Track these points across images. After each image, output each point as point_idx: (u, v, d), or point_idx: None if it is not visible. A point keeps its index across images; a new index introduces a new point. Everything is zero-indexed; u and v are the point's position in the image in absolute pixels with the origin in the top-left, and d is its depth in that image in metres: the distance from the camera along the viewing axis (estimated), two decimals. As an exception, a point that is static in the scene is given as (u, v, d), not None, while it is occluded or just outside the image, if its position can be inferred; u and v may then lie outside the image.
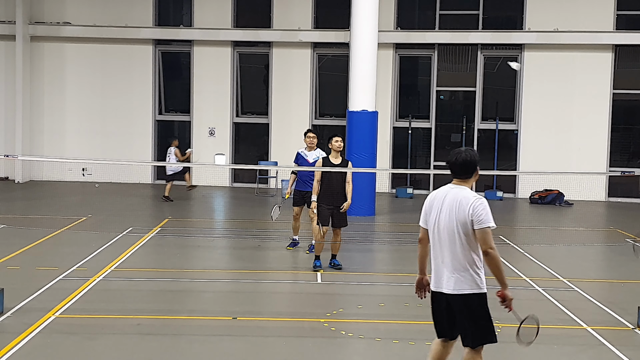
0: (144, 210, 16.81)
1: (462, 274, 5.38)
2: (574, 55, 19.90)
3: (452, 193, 5.47)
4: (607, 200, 20.01)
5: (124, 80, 21.16)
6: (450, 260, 5.41)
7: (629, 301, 9.07)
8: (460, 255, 5.39)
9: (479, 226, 5.31)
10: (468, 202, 5.34)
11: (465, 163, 5.48)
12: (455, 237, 5.38)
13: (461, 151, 5.54)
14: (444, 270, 5.44)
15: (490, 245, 5.32)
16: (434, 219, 5.51)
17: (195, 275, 10.39)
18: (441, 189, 5.60)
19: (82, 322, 8.04)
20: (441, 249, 5.47)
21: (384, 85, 19.90)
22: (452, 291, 5.40)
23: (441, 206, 5.48)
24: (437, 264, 5.51)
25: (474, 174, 5.54)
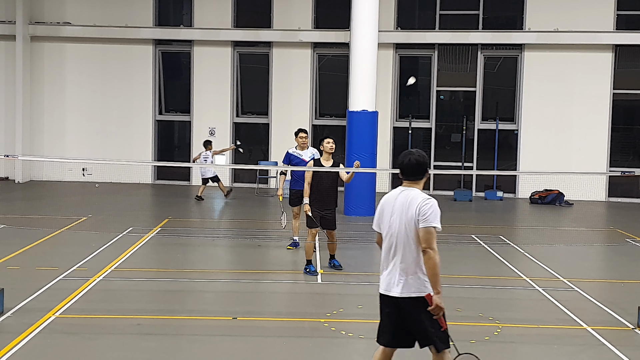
0: (144, 210, 16.82)
1: (411, 277, 5.36)
2: (574, 55, 19.90)
3: (403, 195, 5.44)
4: (607, 200, 20.01)
5: (124, 80, 21.16)
6: (400, 262, 5.39)
7: (629, 301, 9.07)
8: (410, 258, 5.37)
9: (423, 225, 5.29)
10: (417, 202, 5.33)
11: (417, 164, 5.46)
12: (406, 240, 5.37)
13: (412, 152, 5.53)
14: (394, 273, 5.41)
15: (430, 245, 5.29)
16: (386, 222, 5.49)
17: (195, 275, 10.39)
18: (392, 191, 5.57)
19: (82, 322, 8.04)
20: (393, 252, 5.45)
21: (384, 85, 19.91)
22: (401, 294, 5.35)
23: (392, 209, 5.45)
24: (388, 267, 5.48)
25: (424, 175, 5.52)
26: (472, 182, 20.40)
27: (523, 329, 8.11)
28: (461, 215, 17.05)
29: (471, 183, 20.42)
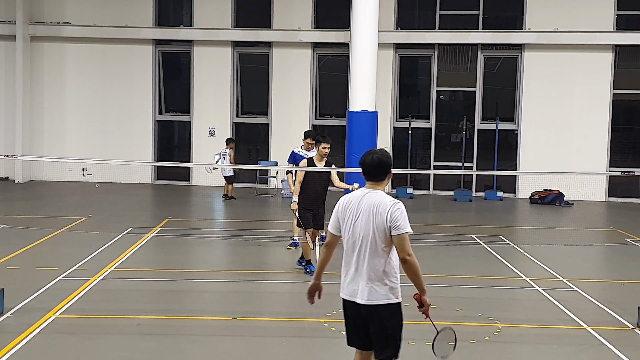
0: (144, 210, 16.82)
1: (377, 284, 5.14)
2: (574, 55, 19.90)
3: (368, 197, 5.16)
4: (607, 200, 20.01)
5: (124, 80, 21.16)
6: (366, 268, 5.14)
7: (629, 301, 9.08)
8: (377, 264, 5.13)
9: (397, 232, 5.07)
10: (386, 208, 5.07)
11: (380, 164, 5.19)
12: (373, 245, 5.12)
13: (375, 151, 5.27)
14: (359, 280, 5.16)
15: (408, 252, 5.09)
16: (349, 226, 5.20)
17: (195, 275, 10.39)
18: (354, 193, 5.30)
19: (82, 322, 8.04)
20: (357, 256, 5.18)
21: (384, 85, 19.90)
22: (367, 301, 5.14)
23: (356, 212, 5.17)
24: (351, 273, 5.22)
25: (387, 176, 5.25)
26: (472, 182, 20.39)
27: (523, 329, 8.11)
28: (461, 215, 17.05)
29: (471, 183, 20.42)
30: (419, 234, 14.04)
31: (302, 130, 20.40)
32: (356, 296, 5.19)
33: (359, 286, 5.16)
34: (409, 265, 5.09)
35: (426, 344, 7.47)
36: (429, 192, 20.67)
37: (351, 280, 5.22)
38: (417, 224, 15.51)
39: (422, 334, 7.87)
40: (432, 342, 5.32)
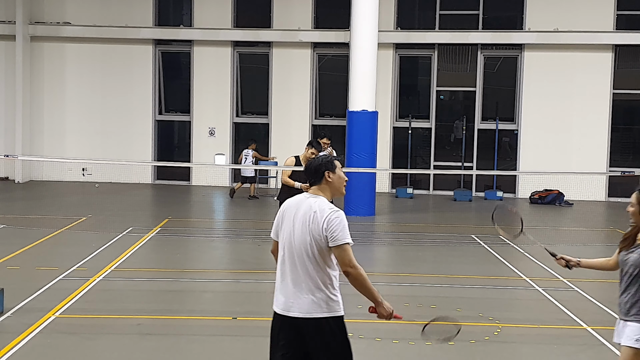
0: (144, 210, 16.82)
1: (316, 296, 4.68)
2: (574, 55, 19.90)
3: (307, 204, 4.79)
4: (607, 200, 20.01)
5: (124, 80, 21.16)
6: (303, 279, 4.70)
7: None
8: (314, 274, 4.69)
9: (335, 243, 4.64)
10: (323, 215, 4.67)
11: (314, 168, 4.91)
12: (310, 254, 4.69)
13: (318, 157, 5.04)
14: (295, 291, 4.72)
15: (350, 264, 4.65)
16: (287, 231, 4.80)
17: (195, 275, 10.39)
18: (295, 197, 4.96)
19: (82, 322, 8.04)
20: (292, 266, 4.75)
21: (384, 85, 19.90)
22: (305, 314, 4.67)
23: (294, 217, 4.79)
24: (286, 284, 4.77)
25: (322, 181, 4.86)
26: (472, 182, 20.39)
27: (523, 329, 8.11)
28: (461, 215, 17.05)
29: (471, 183, 20.41)
30: (419, 233, 14.04)
31: (301, 130, 20.64)
32: (291, 310, 4.71)
33: (294, 298, 4.71)
34: (353, 278, 4.69)
35: (426, 343, 7.48)
36: (429, 192, 20.67)
37: (287, 291, 4.76)
38: (417, 224, 15.55)
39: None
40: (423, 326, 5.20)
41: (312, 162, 4.99)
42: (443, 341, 5.19)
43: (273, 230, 4.99)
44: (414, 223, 15.24)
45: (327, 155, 5.18)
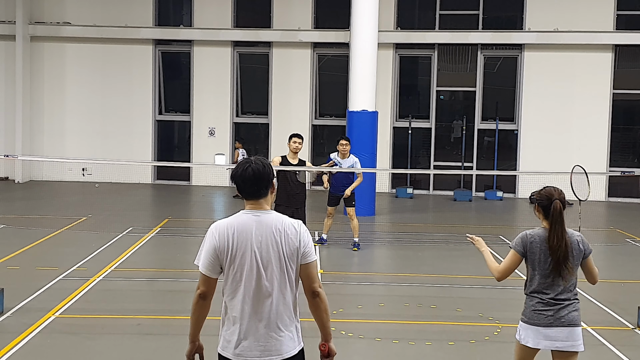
0: (144, 210, 16.82)
1: (290, 329, 4.03)
2: (574, 55, 19.90)
3: (263, 223, 3.98)
4: (607, 200, 20.01)
5: (124, 80, 21.16)
6: (275, 312, 3.98)
7: (629, 301, 9.08)
8: (288, 304, 4.02)
9: (308, 260, 4.01)
10: (295, 231, 4.00)
11: (256, 177, 4.02)
12: (282, 283, 3.98)
13: (249, 161, 4.06)
14: (260, 330, 3.97)
15: (319, 283, 4.08)
16: (244, 263, 3.96)
17: (195, 275, 10.33)
18: (233, 219, 4.04)
19: (82, 322, 8.04)
20: (259, 300, 3.96)
21: (384, 85, 19.90)
22: (287, 353, 4.00)
23: (250, 242, 3.96)
24: (251, 323, 3.98)
25: (268, 191, 4.07)
26: (472, 182, 20.39)
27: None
28: (461, 215, 17.05)
29: (471, 183, 20.42)
30: (419, 234, 14.05)
31: (302, 130, 20.39)
32: (257, 354, 3.96)
33: (263, 339, 3.97)
34: (321, 299, 4.06)
35: (426, 343, 7.49)
36: (429, 192, 20.67)
37: (246, 334, 3.97)
38: (417, 224, 15.55)
39: (422, 333, 7.88)
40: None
41: (250, 170, 4.01)
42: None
43: (208, 265, 4.02)
44: (414, 223, 15.24)
45: (261, 158, 4.14)
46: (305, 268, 4.02)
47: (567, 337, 5.07)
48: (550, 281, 5.11)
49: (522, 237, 5.29)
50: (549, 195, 5.24)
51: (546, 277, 5.11)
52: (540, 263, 5.12)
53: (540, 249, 5.15)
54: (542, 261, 5.12)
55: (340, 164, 12.14)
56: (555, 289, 5.11)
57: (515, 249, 5.29)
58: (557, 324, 5.05)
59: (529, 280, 5.20)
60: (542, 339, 5.06)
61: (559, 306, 5.08)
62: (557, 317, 5.06)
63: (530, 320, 5.09)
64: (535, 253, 5.16)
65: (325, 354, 4.17)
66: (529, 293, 5.16)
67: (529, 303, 5.14)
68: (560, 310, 5.08)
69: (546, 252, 5.12)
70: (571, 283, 5.21)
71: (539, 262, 5.13)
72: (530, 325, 5.09)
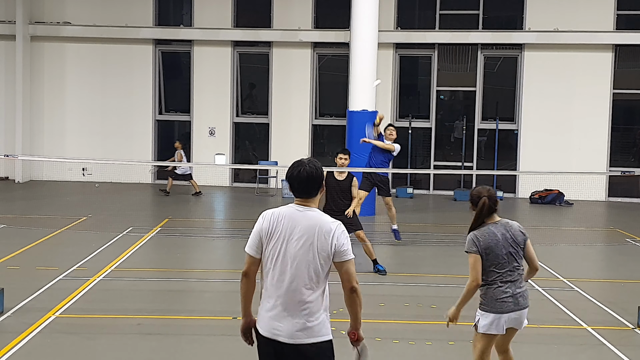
0: (144, 210, 16.82)
1: (319, 318, 4.41)
2: (574, 55, 19.90)
3: (306, 218, 4.40)
4: (607, 200, 20.00)
5: (124, 80, 21.15)
6: (305, 301, 4.37)
7: (629, 301, 9.08)
8: (317, 295, 4.41)
9: (345, 258, 4.39)
10: (330, 230, 4.36)
11: (310, 178, 4.43)
12: (315, 273, 4.37)
13: (302, 163, 4.46)
14: (286, 314, 4.38)
15: (356, 280, 4.47)
16: (278, 248, 4.39)
17: (195, 275, 10.39)
18: (282, 209, 4.47)
19: (82, 322, 8.04)
20: (289, 286, 4.38)
21: (384, 85, 19.88)
22: (307, 340, 4.36)
23: (289, 232, 4.37)
24: (277, 305, 4.42)
25: (319, 192, 4.49)
26: (472, 182, 20.38)
27: (523, 329, 8.10)
28: (461, 215, 17.02)
29: (471, 183, 20.40)
30: (419, 234, 14.04)
31: (302, 130, 20.63)
32: (289, 335, 4.37)
33: (285, 322, 4.38)
34: (357, 295, 4.46)
35: (426, 343, 7.49)
36: (429, 192, 20.67)
37: (276, 314, 4.41)
38: (417, 224, 15.54)
39: (422, 333, 7.88)
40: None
41: (304, 171, 4.43)
42: None
43: (253, 246, 4.50)
44: (414, 223, 15.23)
45: (314, 161, 4.55)
46: (341, 265, 4.41)
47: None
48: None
49: (473, 239, 5.82)
50: (478, 194, 5.82)
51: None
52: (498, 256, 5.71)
53: (496, 244, 5.69)
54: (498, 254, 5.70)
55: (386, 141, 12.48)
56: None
57: (470, 251, 5.85)
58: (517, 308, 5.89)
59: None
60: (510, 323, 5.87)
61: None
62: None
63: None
64: (490, 248, 5.70)
65: (355, 339, 4.69)
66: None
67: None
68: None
69: (499, 244, 5.67)
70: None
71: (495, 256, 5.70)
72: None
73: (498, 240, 5.67)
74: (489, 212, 5.77)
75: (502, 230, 5.73)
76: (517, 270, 5.78)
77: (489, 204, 5.75)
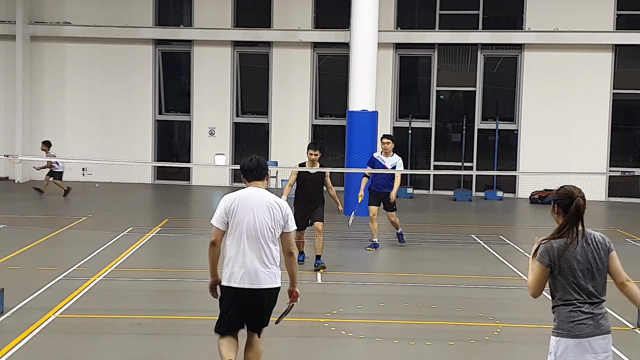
0: (144, 210, 16.82)
1: (271, 270, 5.76)
2: (574, 55, 19.90)
3: (261, 195, 5.78)
4: (607, 200, 20.00)
5: (124, 80, 21.15)
6: (263, 257, 5.71)
7: (629, 301, 9.04)
8: (271, 254, 5.76)
9: (289, 229, 5.80)
10: (281, 207, 5.76)
11: (259, 165, 5.87)
12: (270, 237, 5.74)
13: (252, 156, 5.93)
14: (252, 267, 5.70)
15: (294, 246, 5.87)
16: (241, 219, 5.70)
17: (195, 275, 10.39)
18: (242, 191, 5.83)
19: (82, 322, 8.04)
20: (250, 247, 5.71)
21: (384, 85, 19.89)
22: (267, 285, 5.74)
23: (249, 207, 5.71)
24: (242, 261, 5.71)
25: (266, 175, 5.91)
26: (472, 182, 20.39)
27: (523, 329, 8.11)
28: (461, 215, 17.05)
29: (471, 183, 20.41)
30: (419, 234, 14.04)
31: (302, 130, 20.63)
32: (254, 282, 5.70)
33: (256, 273, 5.70)
34: (294, 257, 5.87)
35: (426, 343, 7.49)
36: (429, 192, 20.67)
37: (246, 268, 5.70)
38: (417, 224, 15.54)
39: (422, 333, 7.88)
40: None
41: (255, 160, 5.88)
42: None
43: (220, 219, 5.76)
44: (414, 223, 15.23)
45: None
46: (286, 235, 5.80)
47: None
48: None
49: (547, 248, 4.83)
50: (570, 194, 4.81)
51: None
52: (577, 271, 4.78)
53: (574, 257, 4.80)
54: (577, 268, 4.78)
55: (384, 161, 12.14)
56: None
57: (540, 260, 4.86)
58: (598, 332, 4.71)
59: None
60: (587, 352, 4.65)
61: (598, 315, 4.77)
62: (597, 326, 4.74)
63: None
64: (568, 261, 4.78)
65: (293, 298, 6.04)
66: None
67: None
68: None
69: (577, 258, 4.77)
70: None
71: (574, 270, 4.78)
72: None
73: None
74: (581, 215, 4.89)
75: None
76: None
77: (582, 204, 4.89)
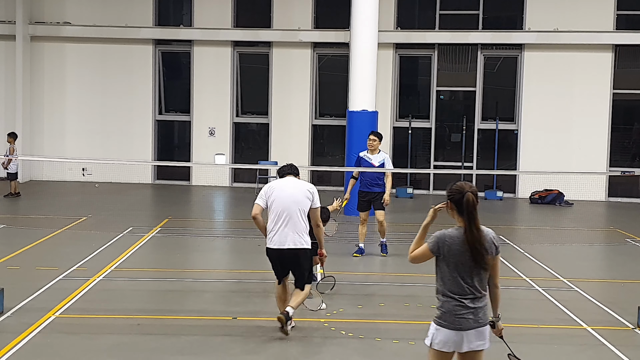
0: (144, 210, 16.82)
1: (304, 237, 7.67)
2: (574, 55, 19.90)
3: (292, 181, 7.83)
4: (607, 200, 20.00)
5: (124, 80, 21.15)
6: (293, 225, 7.60)
7: (629, 301, 9.08)
8: (303, 224, 7.67)
9: (315, 206, 7.76)
10: (309, 188, 7.77)
11: (293, 166, 8.03)
12: (301, 211, 7.66)
13: (286, 163, 8.13)
14: (288, 233, 7.60)
15: (320, 220, 7.93)
16: (283, 197, 7.64)
17: (195, 275, 10.39)
18: (278, 181, 7.89)
19: (82, 322, 8.05)
20: (284, 219, 7.61)
21: (384, 85, 19.90)
22: (295, 247, 7.61)
23: (285, 189, 7.70)
24: (281, 229, 7.61)
25: (298, 175, 7.98)
26: (472, 182, 20.33)
27: (523, 329, 8.11)
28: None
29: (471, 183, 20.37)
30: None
31: (302, 130, 20.64)
32: (285, 244, 7.60)
33: (288, 237, 7.61)
34: (321, 228, 7.98)
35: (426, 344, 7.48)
36: (429, 192, 20.67)
37: (280, 234, 7.62)
38: (417, 224, 15.51)
39: (422, 333, 7.87)
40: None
41: (288, 164, 8.09)
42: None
43: (261, 200, 7.73)
44: (414, 223, 15.22)
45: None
46: (314, 211, 7.79)
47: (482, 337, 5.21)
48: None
49: (439, 236, 5.20)
50: (460, 189, 5.12)
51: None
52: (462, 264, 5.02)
53: (460, 250, 5.05)
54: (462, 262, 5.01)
55: (371, 160, 12.01)
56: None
57: (429, 246, 5.26)
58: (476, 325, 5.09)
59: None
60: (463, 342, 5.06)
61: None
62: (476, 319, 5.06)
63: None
64: (457, 255, 5.06)
65: (322, 256, 8.21)
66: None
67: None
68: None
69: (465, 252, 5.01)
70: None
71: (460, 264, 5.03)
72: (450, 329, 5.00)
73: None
74: (475, 210, 5.12)
75: None
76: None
77: (473, 199, 5.16)
